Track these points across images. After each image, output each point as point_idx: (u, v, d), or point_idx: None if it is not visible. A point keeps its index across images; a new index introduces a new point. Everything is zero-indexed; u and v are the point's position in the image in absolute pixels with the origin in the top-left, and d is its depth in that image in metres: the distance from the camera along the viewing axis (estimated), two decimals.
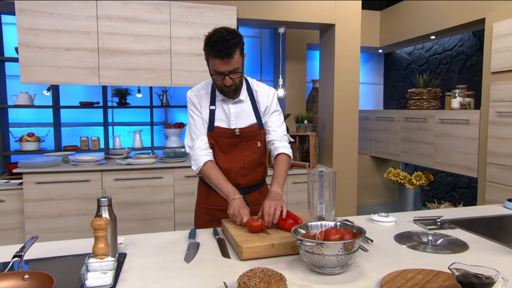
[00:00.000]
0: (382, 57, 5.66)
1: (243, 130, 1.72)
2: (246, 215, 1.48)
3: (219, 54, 1.52)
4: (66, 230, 3.12)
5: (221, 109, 1.73)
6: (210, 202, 1.82)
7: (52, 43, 3.12)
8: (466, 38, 4.22)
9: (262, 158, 1.82)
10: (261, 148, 1.78)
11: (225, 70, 1.56)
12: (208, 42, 1.56)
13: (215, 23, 3.43)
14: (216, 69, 1.57)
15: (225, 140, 1.73)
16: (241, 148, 1.74)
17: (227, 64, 1.54)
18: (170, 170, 3.29)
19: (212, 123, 1.72)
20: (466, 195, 4.32)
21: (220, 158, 1.74)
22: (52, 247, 1.40)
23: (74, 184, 3.11)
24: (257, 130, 1.76)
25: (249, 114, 1.74)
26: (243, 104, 1.74)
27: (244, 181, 1.77)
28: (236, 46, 1.54)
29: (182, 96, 4.25)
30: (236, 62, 1.56)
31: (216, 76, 1.60)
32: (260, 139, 1.77)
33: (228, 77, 1.58)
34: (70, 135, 4.01)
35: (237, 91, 1.69)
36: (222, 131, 1.72)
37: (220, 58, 1.53)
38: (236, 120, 1.72)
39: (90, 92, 3.97)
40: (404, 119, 4.33)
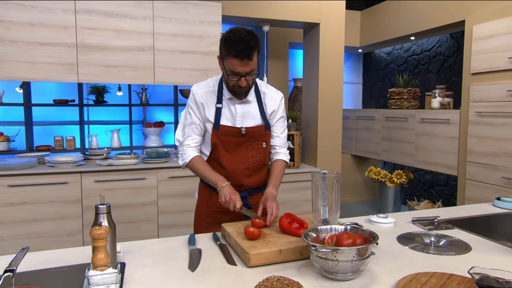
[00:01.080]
0: (361, 56, 5.73)
1: (249, 130, 1.69)
2: (238, 201, 1.51)
3: (239, 54, 1.48)
4: (42, 236, 2.96)
5: (227, 108, 1.69)
6: (212, 204, 1.77)
7: (26, 37, 2.94)
8: (444, 39, 4.33)
9: (267, 160, 1.79)
10: (266, 149, 1.75)
11: (242, 72, 1.53)
12: (226, 41, 1.51)
13: (200, 19, 3.35)
14: (233, 69, 1.53)
15: (230, 139, 1.68)
16: (246, 148, 1.70)
17: (246, 65, 1.52)
18: (154, 171, 3.19)
19: (218, 121, 1.67)
20: (444, 193, 4.44)
21: (224, 158, 1.69)
22: (42, 257, 1.30)
23: (50, 187, 2.95)
24: (263, 131, 1.73)
25: (255, 115, 1.71)
26: (250, 104, 1.71)
27: (247, 182, 1.73)
28: (255, 47, 1.52)
29: (162, 94, 4.12)
30: (253, 64, 1.54)
31: (232, 77, 1.56)
32: (265, 140, 1.74)
33: (244, 79, 1.55)
34: (43, 134, 3.80)
35: (247, 92, 1.67)
36: (228, 129, 1.67)
37: (239, 59, 1.50)
38: (242, 120, 1.69)
39: (65, 89, 3.77)
40: (385, 118, 4.39)
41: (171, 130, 4.18)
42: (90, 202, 3.04)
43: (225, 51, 1.53)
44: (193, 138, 1.71)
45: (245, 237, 1.35)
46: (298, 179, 3.56)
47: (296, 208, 3.55)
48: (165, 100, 4.14)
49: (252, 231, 1.32)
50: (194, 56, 3.38)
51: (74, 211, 3.01)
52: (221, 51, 1.56)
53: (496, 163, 3.09)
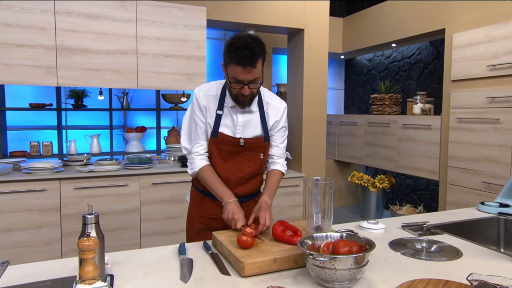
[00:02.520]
0: (343, 62, 5.80)
1: (248, 141, 1.64)
2: (240, 220, 1.46)
3: (241, 61, 1.44)
4: (16, 246, 2.82)
5: (228, 116, 1.63)
6: (204, 210, 1.72)
7: (1, 38, 2.82)
8: (424, 47, 4.44)
9: (262, 169, 1.76)
10: (263, 160, 1.72)
11: (245, 79, 1.48)
12: (230, 47, 1.46)
13: (184, 23, 3.30)
14: (236, 76, 1.48)
15: (227, 148, 1.63)
16: (243, 158, 1.66)
17: (249, 73, 1.47)
18: (136, 177, 3.10)
19: (216, 128, 1.62)
20: (424, 197, 4.52)
21: (220, 166, 1.65)
22: (23, 270, 1.22)
23: (27, 195, 2.82)
24: (262, 142, 1.68)
25: (256, 126, 1.66)
26: (253, 115, 1.66)
27: (241, 191, 1.70)
28: (259, 55, 1.47)
29: (143, 99, 4.04)
30: (257, 72, 1.49)
31: (235, 85, 1.51)
32: (263, 151, 1.70)
33: (247, 87, 1.50)
34: (17, 139, 3.65)
35: (252, 101, 1.62)
36: (226, 138, 1.62)
37: (242, 66, 1.45)
38: (242, 130, 1.64)
39: (41, 93, 3.64)
40: (368, 123, 4.45)
41: (152, 135, 4.10)
42: (70, 210, 2.93)
43: (228, 58, 1.48)
44: (201, 144, 1.66)
45: (238, 245, 1.31)
46: (283, 185, 3.55)
47: (282, 214, 3.53)
48: (147, 104, 4.05)
49: (245, 240, 1.29)
50: (178, 60, 3.32)
51: (52, 220, 2.89)
52: (225, 58, 1.52)
53: (476, 168, 3.17)
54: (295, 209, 3.65)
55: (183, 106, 4.03)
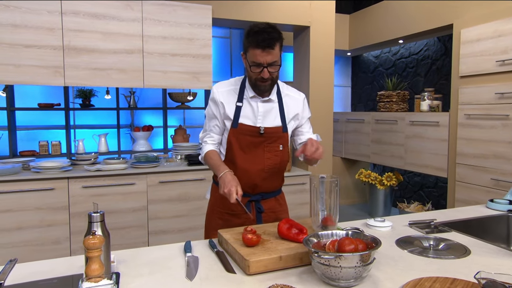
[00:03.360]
0: (350, 60, 5.77)
1: (268, 130, 1.67)
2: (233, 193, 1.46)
3: (260, 44, 1.50)
4: (26, 244, 2.86)
5: (248, 107, 1.68)
6: (224, 205, 1.73)
7: (10, 39, 2.85)
8: (432, 43, 4.39)
9: (283, 164, 1.75)
10: (282, 152, 1.72)
11: (264, 62, 1.53)
12: (249, 33, 1.54)
13: (190, 22, 3.31)
14: (255, 60, 1.54)
15: (247, 139, 1.66)
16: (263, 149, 1.68)
17: (268, 54, 1.52)
18: (143, 176, 3.12)
19: (236, 119, 1.66)
20: (433, 194, 4.48)
21: (240, 157, 1.67)
22: (31, 268, 1.23)
23: (36, 193, 2.85)
24: (281, 133, 1.70)
25: (276, 116, 1.70)
26: (272, 104, 1.70)
27: (262, 184, 1.71)
28: (277, 39, 1.53)
29: (150, 98, 4.06)
30: (276, 55, 1.54)
31: (254, 68, 1.56)
32: (282, 142, 1.71)
33: (266, 70, 1.55)
34: (27, 139, 3.69)
35: (271, 87, 1.65)
36: (246, 128, 1.66)
37: (261, 48, 1.51)
38: (262, 119, 1.67)
39: (50, 92, 3.68)
40: (375, 121, 4.42)
41: (159, 134, 4.12)
42: (78, 209, 2.96)
43: (248, 43, 1.55)
44: (211, 136, 1.73)
45: (243, 243, 1.31)
46: (289, 183, 3.54)
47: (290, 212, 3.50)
48: (154, 103, 4.07)
49: (250, 238, 1.29)
50: (184, 59, 3.33)
51: (61, 218, 2.92)
52: (244, 45, 1.58)
53: (485, 164, 3.13)
54: (302, 207, 3.64)
55: (190, 105, 4.04)
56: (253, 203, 1.72)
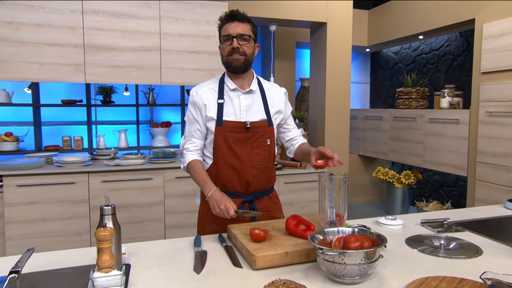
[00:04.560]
0: (369, 56, 5.68)
1: (254, 124, 1.64)
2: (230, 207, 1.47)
3: (229, 17, 1.58)
4: (49, 235, 2.97)
5: (230, 103, 1.65)
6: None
7: (35, 38, 2.95)
8: (453, 38, 4.28)
9: (271, 160, 1.73)
10: (270, 147, 1.70)
11: (233, 33, 1.56)
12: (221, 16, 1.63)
13: (207, 19, 3.34)
14: (225, 33, 1.58)
15: (234, 136, 1.63)
16: (251, 145, 1.65)
17: (237, 26, 1.56)
18: (160, 171, 3.19)
19: (220, 117, 1.63)
20: (453, 193, 4.38)
21: (229, 156, 1.64)
22: (48, 258, 1.29)
23: (58, 187, 2.96)
24: (266, 127, 1.68)
25: (259, 109, 1.69)
26: (254, 96, 1.68)
27: (254, 182, 1.67)
28: (247, 19, 1.60)
29: (169, 95, 4.13)
30: (246, 29, 1.58)
31: (226, 42, 1.59)
32: (269, 136, 1.69)
33: (236, 40, 1.56)
34: (51, 134, 3.83)
35: (246, 67, 1.63)
36: (232, 124, 1.62)
37: (231, 21, 1.57)
38: (246, 113, 1.65)
39: (72, 89, 3.80)
40: (393, 118, 4.35)
41: (178, 130, 4.19)
42: (97, 202, 3.05)
43: (221, 22, 1.62)
44: (192, 142, 1.68)
45: (250, 239, 1.33)
46: (304, 180, 3.53)
47: (303, 209, 3.52)
48: (172, 100, 4.14)
49: (257, 233, 1.31)
50: (200, 56, 3.37)
51: (81, 211, 3.02)
52: (219, 27, 1.64)
53: (506, 163, 3.04)
54: (316, 204, 3.63)
55: None
56: (246, 203, 1.68)
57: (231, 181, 1.65)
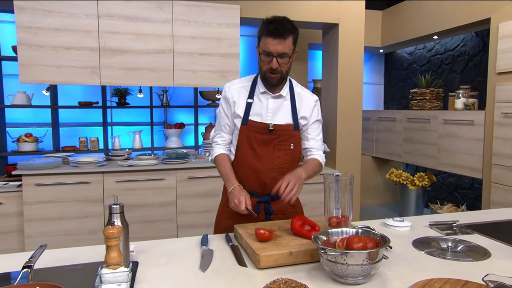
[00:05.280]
0: (383, 56, 5.63)
1: (277, 127, 1.64)
2: (242, 202, 1.48)
3: (273, 32, 1.50)
4: (66, 233, 3.06)
5: (258, 103, 1.67)
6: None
7: (52, 42, 3.05)
8: (469, 38, 4.20)
9: (294, 164, 1.71)
10: (293, 152, 1.69)
11: (274, 51, 1.52)
12: (264, 22, 1.55)
13: (218, 22, 3.38)
14: (266, 48, 1.54)
15: (257, 136, 1.65)
16: (273, 147, 1.66)
17: (279, 44, 1.51)
18: (173, 172, 3.24)
19: (247, 116, 1.65)
20: (468, 196, 4.30)
21: (249, 155, 1.66)
22: (59, 254, 1.34)
23: (74, 186, 3.04)
24: (292, 131, 1.67)
25: (286, 113, 1.68)
26: (283, 100, 1.68)
27: (271, 183, 1.64)
28: (291, 31, 1.53)
29: (182, 96, 4.19)
30: (287, 47, 1.53)
31: (264, 57, 1.56)
32: (293, 141, 1.68)
33: (275, 60, 1.54)
34: (68, 135, 3.94)
35: (281, 83, 1.64)
36: (256, 125, 1.64)
37: (272, 37, 1.50)
38: (272, 116, 1.66)
39: (89, 91, 3.90)
40: (407, 119, 4.30)
41: (191, 131, 4.24)
42: (111, 202, 3.11)
43: (261, 32, 1.56)
44: (221, 136, 1.74)
45: (256, 238, 1.35)
46: (316, 181, 3.53)
47: (315, 210, 3.52)
48: (186, 101, 4.20)
49: (262, 233, 1.32)
50: (212, 58, 3.41)
51: (96, 210, 3.10)
52: (258, 34, 1.59)
53: None
54: None
55: (219, 102, 4.12)
56: (262, 204, 1.69)
57: (249, 180, 1.67)
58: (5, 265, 1.25)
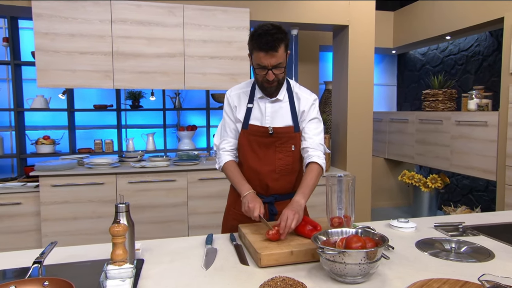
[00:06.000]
0: (396, 58, 5.59)
1: (277, 130, 1.66)
2: (256, 209, 1.48)
3: (263, 47, 1.49)
4: (81, 233, 3.14)
5: (257, 108, 1.68)
6: (239, 207, 1.73)
7: (68, 47, 3.14)
8: (483, 38, 4.14)
9: (296, 165, 1.73)
10: (295, 153, 1.70)
11: (268, 64, 1.53)
12: (253, 35, 1.54)
13: (228, 25, 3.43)
14: (259, 63, 1.54)
15: (258, 139, 1.67)
16: (274, 150, 1.67)
17: (271, 57, 1.52)
18: (184, 173, 3.29)
19: (247, 120, 1.68)
20: (483, 198, 4.23)
21: (251, 158, 1.69)
22: (70, 252, 1.40)
23: (88, 187, 3.13)
24: (292, 133, 1.68)
25: (285, 115, 1.68)
26: (281, 104, 1.69)
27: (274, 185, 1.69)
28: (281, 40, 1.51)
29: (194, 99, 4.25)
30: (280, 57, 1.53)
31: (259, 71, 1.57)
32: (294, 143, 1.69)
33: (271, 72, 1.55)
34: (84, 137, 4.05)
35: (278, 89, 1.65)
36: (256, 129, 1.67)
37: (264, 51, 1.50)
38: (271, 120, 1.67)
39: (104, 95, 4.00)
40: (419, 120, 4.26)
41: (203, 133, 4.30)
42: None
43: (252, 45, 1.55)
44: (228, 141, 1.74)
45: (258, 237, 1.38)
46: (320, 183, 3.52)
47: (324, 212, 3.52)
48: (198, 104, 4.26)
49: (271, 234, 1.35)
50: (222, 61, 3.46)
51: (109, 211, 3.17)
52: (249, 46, 1.58)
53: None
54: None
55: None
56: (266, 205, 1.69)
57: (251, 182, 1.69)
58: (21, 261, 1.31)
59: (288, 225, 1.36)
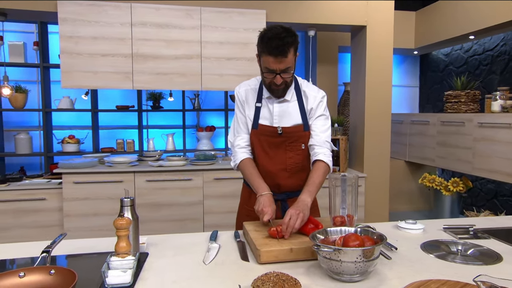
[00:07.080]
0: (418, 58, 5.47)
1: (286, 130, 1.66)
2: (268, 214, 1.45)
3: (273, 51, 1.48)
4: (100, 229, 3.25)
5: (266, 107, 1.69)
6: (251, 204, 1.74)
7: (90, 50, 3.27)
8: (510, 37, 3.99)
9: (307, 162, 1.73)
10: (305, 151, 1.71)
11: (277, 69, 1.53)
12: (262, 38, 1.52)
13: (245, 27, 3.47)
14: (268, 66, 1.54)
15: (268, 139, 1.68)
16: (284, 149, 1.68)
17: (280, 62, 1.51)
18: (200, 173, 3.35)
19: (256, 120, 1.69)
20: (509, 203, 4.07)
21: (262, 157, 1.70)
22: (80, 244, 1.46)
23: (108, 185, 3.24)
24: (302, 132, 1.68)
25: (294, 115, 1.68)
26: (289, 103, 1.68)
27: (285, 184, 1.70)
28: (291, 44, 1.50)
29: (213, 100, 4.31)
30: (289, 62, 1.53)
31: (267, 74, 1.57)
32: (304, 141, 1.69)
33: (279, 76, 1.55)
34: (107, 137, 4.19)
35: (285, 91, 1.65)
36: (265, 129, 1.68)
37: (273, 56, 1.49)
38: (279, 120, 1.67)
39: (126, 96, 4.12)
40: (440, 122, 4.15)
41: (221, 134, 4.35)
42: (142, 200, 3.28)
43: (261, 48, 1.54)
44: (242, 137, 1.73)
45: (260, 235, 1.39)
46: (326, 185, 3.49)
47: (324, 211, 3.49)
48: (217, 105, 4.32)
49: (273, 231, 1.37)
50: (239, 63, 3.50)
51: None
52: (258, 49, 1.57)
53: None
54: None
55: None
56: (279, 202, 1.70)
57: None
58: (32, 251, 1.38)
59: (291, 225, 1.36)
